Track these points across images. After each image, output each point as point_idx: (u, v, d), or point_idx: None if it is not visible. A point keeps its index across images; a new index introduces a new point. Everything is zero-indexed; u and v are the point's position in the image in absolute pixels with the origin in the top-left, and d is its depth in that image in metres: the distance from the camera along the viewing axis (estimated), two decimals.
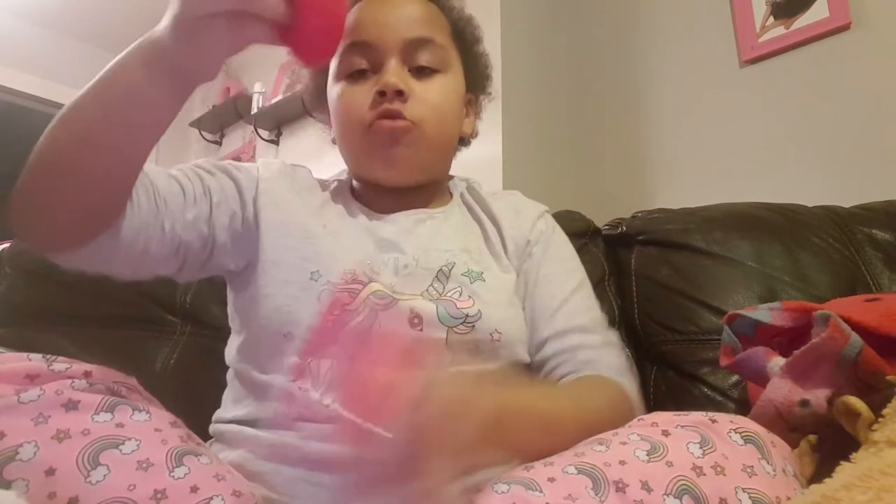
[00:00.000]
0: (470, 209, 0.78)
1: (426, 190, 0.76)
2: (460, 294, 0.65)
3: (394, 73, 0.68)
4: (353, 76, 0.70)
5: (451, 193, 0.81)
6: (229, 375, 0.69)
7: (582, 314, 0.70)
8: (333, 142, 0.77)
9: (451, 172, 0.82)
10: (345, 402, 0.40)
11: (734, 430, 0.46)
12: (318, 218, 0.69)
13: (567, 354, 0.67)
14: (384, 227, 0.71)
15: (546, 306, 0.70)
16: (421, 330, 0.61)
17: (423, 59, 0.70)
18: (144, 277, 0.62)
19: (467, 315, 0.62)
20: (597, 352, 0.67)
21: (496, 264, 0.71)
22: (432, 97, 0.70)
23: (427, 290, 0.65)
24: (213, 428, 0.65)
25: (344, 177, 0.80)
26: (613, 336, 0.72)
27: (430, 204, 0.77)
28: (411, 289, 0.64)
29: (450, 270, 0.66)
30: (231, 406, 0.65)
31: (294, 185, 0.73)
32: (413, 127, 0.68)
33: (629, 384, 0.66)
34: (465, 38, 0.78)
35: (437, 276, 0.66)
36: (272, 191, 0.69)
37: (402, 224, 0.72)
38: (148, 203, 0.58)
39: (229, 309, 0.71)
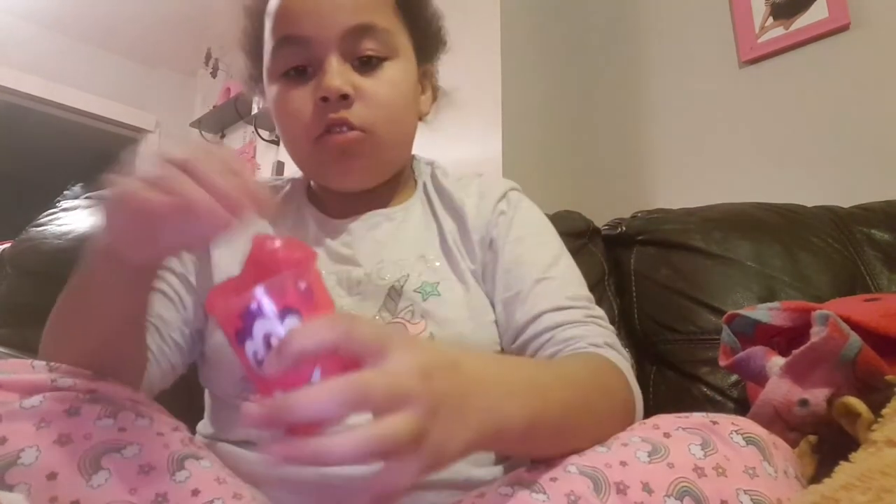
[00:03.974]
0: (431, 203, 0.72)
1: (386, 186, 0.71)
2: (412, 315, 0.61)
3: (335, 73, 0.61)
4: (289, 74, 0.64)
5: (415, 181, 0.75)
6: (205, 391, 0.68)
7: (560, 290, 0.63)
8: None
9: (413, 152, 0.76)
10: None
11: (736, 431, 0.46)
12: None
13: (547, 335, 0.60)
14: (337, 237, 0.67)
15: (519, 290, 0.63)
16: None
17: (367, 48, 0.63)
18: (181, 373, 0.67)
19: None
20: (579, 328, 0.60)
21: (453, 273, 0.66)
22: (381, 94, 0.63)
23: (378, 312, 0.62)
24: (197, 439, 0.64)
25: (301, 174, 0.75)
26: (598, 310, 0.64)
27: (390, 201, 0.72)
28: (362, 312, 0.61)
29: (402, 286, 0.63)
30: (209, 422, 0.65)
31: None
32: (364, 136, 0.62)
33: (618, 358, 0.58)
34: (411, 4, 0.69)
35: (388, 294, 0.62)
36: None
37: (356, 232, 0.68)
38: (162, 342, 0.62)
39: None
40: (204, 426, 0.65)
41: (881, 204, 1.03)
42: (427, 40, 0.73)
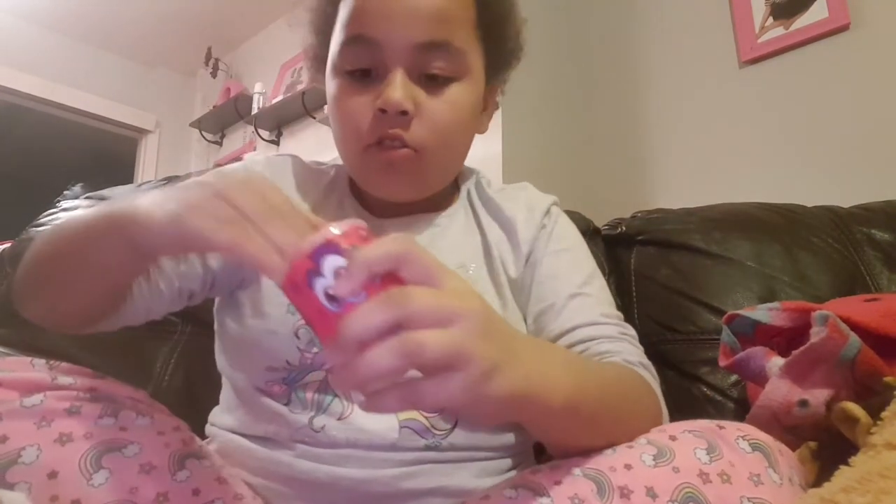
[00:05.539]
0: (474, 212, 0.71)
1: (430, 196, 0.70)
2: None
3: (398, 87, 0.58)
4: (353, 74, 0.62)
5: (458, 189, 0.74)
6: (223, 378, 0.67)
7: (594, 307, 0.63)
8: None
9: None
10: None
11: (742, 437, 0.46)
12: None
13: (581, 346, 0.60)
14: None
15: (553, 303, 0.63)
16: None
17: (436, 66, 0.60)
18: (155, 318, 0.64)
19: None
20: (614, 343, 0.60)
21: (492, 285, 0.65)
22: (441, 115, 0.61)
23: None
24: (208, 429, 0.64)
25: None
26: (631, 329, 0.64)
27: (434, 206, 0.70)
28: None
29: None
30: (225, 412, 0.63)
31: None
32: (414, 155, 0.60)
33: (650, 378, 0.58)
34: (491, 19, 0.66)
35: None
36: None
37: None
38: (146, 284, 0.58)
39: (216, 313, 0.67)
40: (217, 416, 0.64)
41: (881, 204, 1.03)
42: (502, 60, 0.71)
